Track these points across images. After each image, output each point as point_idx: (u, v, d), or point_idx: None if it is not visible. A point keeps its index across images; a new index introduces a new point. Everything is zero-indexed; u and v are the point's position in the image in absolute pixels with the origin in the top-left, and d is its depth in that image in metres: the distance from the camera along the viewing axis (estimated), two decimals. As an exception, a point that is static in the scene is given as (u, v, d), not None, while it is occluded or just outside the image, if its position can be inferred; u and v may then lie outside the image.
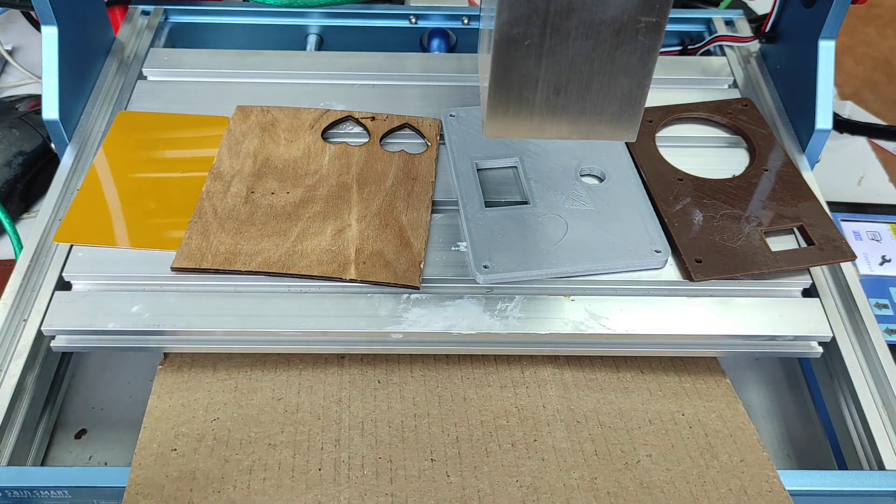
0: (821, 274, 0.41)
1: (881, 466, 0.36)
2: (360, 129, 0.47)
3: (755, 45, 0.56)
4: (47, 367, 0.40)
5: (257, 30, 0.59)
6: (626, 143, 0.46)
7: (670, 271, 0.40)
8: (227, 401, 0.37)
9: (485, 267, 0.38)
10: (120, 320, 0.37)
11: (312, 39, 0.59)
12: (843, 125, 0.54)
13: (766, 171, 0.44)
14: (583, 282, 0.39)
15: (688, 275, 0.39)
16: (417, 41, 0.60)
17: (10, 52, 0.66)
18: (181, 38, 0.59)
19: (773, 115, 0.51)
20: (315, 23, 0.59)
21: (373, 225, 0.40)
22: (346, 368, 0.39)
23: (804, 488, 0.34)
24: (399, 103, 0.49)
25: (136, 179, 0.43)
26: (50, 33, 0.45)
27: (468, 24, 0.59)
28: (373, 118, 0.47)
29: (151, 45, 0.55)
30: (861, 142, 0.65)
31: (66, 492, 0.34)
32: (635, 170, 0.44)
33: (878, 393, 0.38)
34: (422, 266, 0.39)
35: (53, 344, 0.38)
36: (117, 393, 0.43)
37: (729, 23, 0.59)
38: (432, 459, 0.35)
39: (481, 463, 0.35)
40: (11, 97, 0.59)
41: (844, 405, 0.39)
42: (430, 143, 0.46)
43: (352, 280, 0.38)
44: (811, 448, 0.42)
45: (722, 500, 0.34)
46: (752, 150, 0.46)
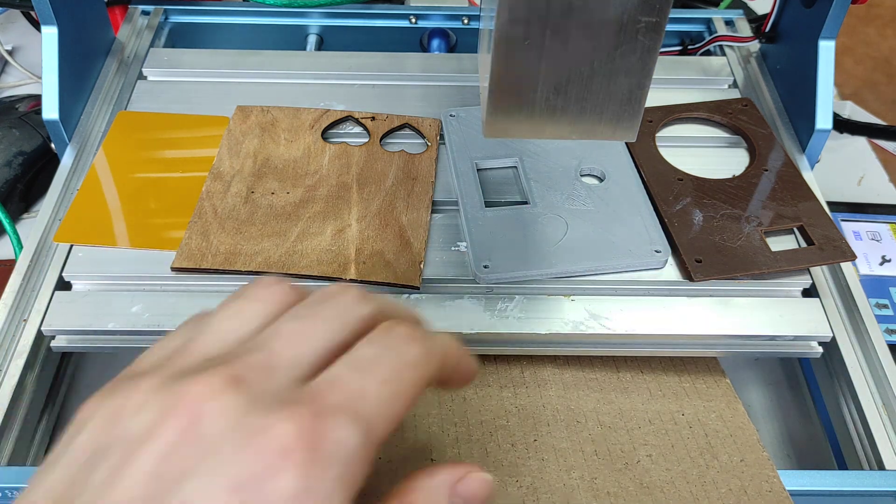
0: (821, 274, 0.41)
1: (881, 466, 0.36)
2: (360, 129, 0.47)
3: (755, 45, 0.56)
4: (47, 367, 0.40)
5: (257, 30, 0.59)
6: (627, 143, 0.46)
7: (670, 271, 0.40)
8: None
9: (485, 267, 0.38)
10: (120, 320, 0.37)
11: (312, 39, 0.59)
12: (843, 125, 0.54)
13: (766, 171, 0.44)
14: (583, 282, 0.39)
15: (688, 275, 0.39)
16: (417, 41, 0.60)
17: (10, 52, 0.66)
18: (181, 38, 0.59)
19: (773, 115, 0.51)
20: (315, 23, 0.59)
21: (373, 225, 0.40)
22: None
23: (804, 488, 0.34)
24: (399, 103, 0.48)
25: (136, 179, 0.43)
26: (50, 33, 0.45)
27: (468, 24, 0.59)
28: (373, 118, 0.47)
29: (151, 45, 0.55)
30: (861, 142, 0.65)
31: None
32: (635, 170, 0.44)
33: (878, 393, 0.38)
34: (422, 266, 0.39)
35: (53, 344, 0.38)
36: (117, 393, 0.43)
37: (729, 23, 0.59)
38: (432, 459, 0.35)
39: (481, 463, 0.35)
40: (11, 97, 0.59)
41: (844, 405, 0.39)
42: (430, 143, 0.46)
43: (352, 280, 0.38)
44: (811, 448, 0.42)
45: (722, 500, 0.34)
46: (752, 150, 0.46)
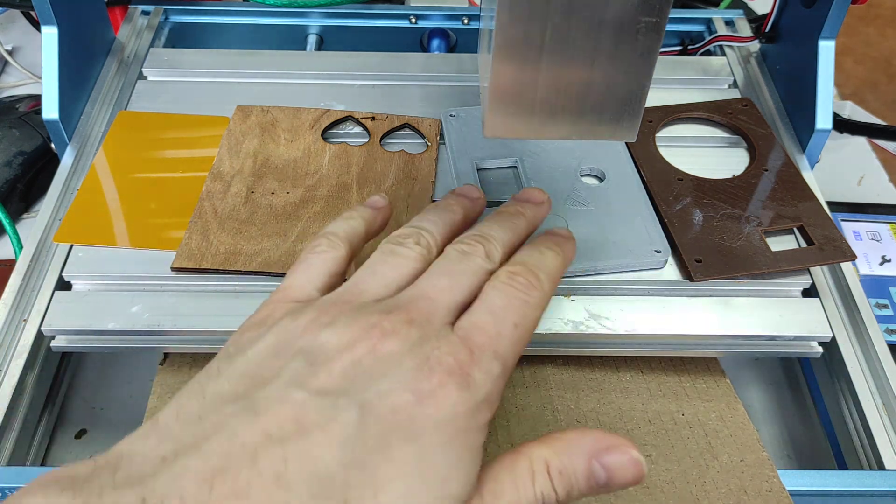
0: (821, 274, 0.41)
1: (881, 466, 0.36)
2: (360, 129, 0.47)
3: (755, 45, 0.56)
4: (47, 367, 0.40)
5: (257, 30, 0.59)
6: (627, 143, 0.46)
7: (670, 271, 0.40)
8: (227, 401, 0.37)
9: None
10: (120, 320, 0.37)
11: (312, 39, 0.59)
12: (843, 125, 0.54)
13: (767, 171, 0.44)
14: (583, 282, 0.39)
15: (688, 275, 0.39)
16: (417, 41, 0.60)
17: (10, 52, 0.66)
18: (181, 38, 0.59)
19: (773, 115, 0.51)
20: (315, 23, 0.59)
21: None
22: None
23: (804, 488, 0.34)
24: (399, 103, 0.48)
25: (136, 179, 0.43)
26: (50, 33, 0.45)
27: (468, 24, 0.59)
28: (373, 118, 0.47)
29: (151, 45, 0.55)
30: (861, 142, 0.65)
31: (66, 492, 0.34)
32: (635, 170, 0.44)
33: (878, 393, 0.38)
34: None
35: (53, 344, 0.38)
36: (117, 393, 0.43)
37: (729, 23, 0.59)
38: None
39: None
40: (11, 97, 0.59)
41: (844, 405, 0.39)
42: (430, 143, 0.46)
43: None
44: (811, 448, 0.42)
45: (722, 500, 0.34)
46: (752, 150, 0.46)
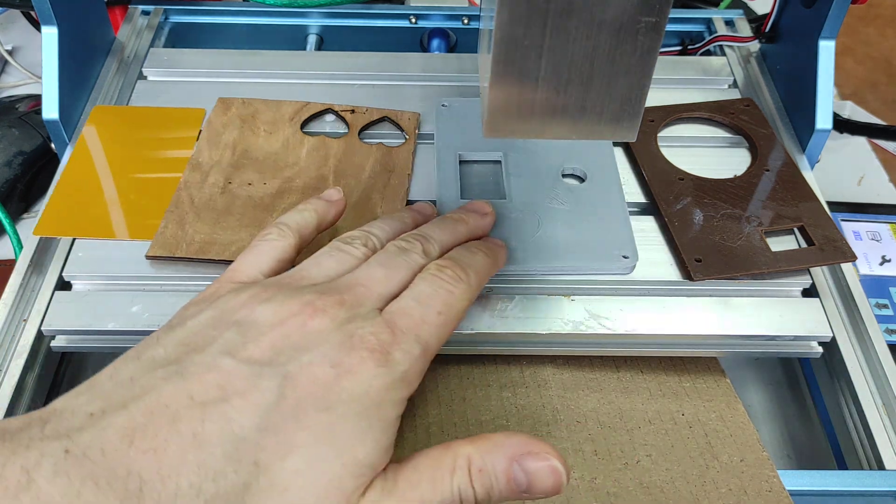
0: (821, 274, 0.41)
1: (881, 466, 0.36)
2: (340, 122, 0.47)
3: (755, 45, 0.56)
4: (47, 367, 0.40)
5: (257, 30, 0.59)
6: (626, 143, 0.46)
7: (670, 271, 0.40)
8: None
9: None
10: (120, 320, 0.37)
11: (312, 39, 0.59)
12: (843, 125, 0.54)
13: (767, 171, 0.44)
14: (583, 282, 0.39)
15: (688, 275, 0.39)
16: (417, 41, 0.60)
17: (10, 52, 0.66)
18: (181, 38, 0.59)
19: (773, 115, 0.51)
20: (315, 23, 0.59)
21: (349, 216, 0.40)
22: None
23: (804, 488, 0.34)
24: (399, 103, 0.48)
25: (115, 171, 0.43)
26: (50, 33, 0.45)
27: (468, 24, 0.59)
28: (352, 111, 0.47)
29: (151, 45, 0.55)
30: (861, 142, 0.65)
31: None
32: (618, 172, 0.44)
33: (878, 393, 0.38)
34: None
35: (53, 344, 0.38)
36: (117, 393, 0.43)
37: (729, 23, 0.59)
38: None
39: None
40: (11, 97, 0.59)
41: (844, 405, 0.39)
42: (408, 137, 0.46)
43: None
44: (811, 448, 0.42)
45: (722, 500, 0.34)
46: (753, 150, 0.46)
